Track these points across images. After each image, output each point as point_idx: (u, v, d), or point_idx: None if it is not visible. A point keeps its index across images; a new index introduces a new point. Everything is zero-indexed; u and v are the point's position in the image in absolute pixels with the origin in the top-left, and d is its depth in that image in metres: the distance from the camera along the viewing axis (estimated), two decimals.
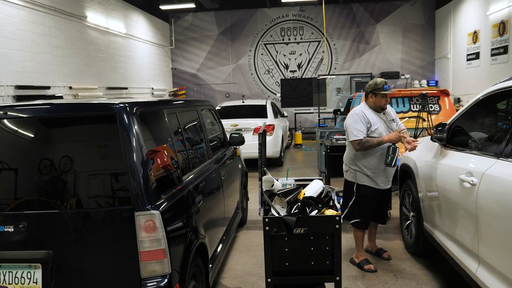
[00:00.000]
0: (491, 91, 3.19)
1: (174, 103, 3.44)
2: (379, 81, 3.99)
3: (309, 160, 10.57)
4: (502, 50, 10.49)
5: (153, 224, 2.43)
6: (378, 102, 3.99)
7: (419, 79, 14.94)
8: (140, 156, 2.47)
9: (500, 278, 2.58)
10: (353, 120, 4.00)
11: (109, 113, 2.49)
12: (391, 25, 15.16)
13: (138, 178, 2.44)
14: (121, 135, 2.44)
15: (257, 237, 5.19)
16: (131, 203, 2.41)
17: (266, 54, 15.96)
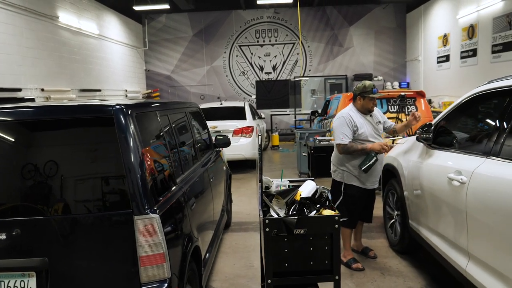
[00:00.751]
0: (475, 93, 3.30)
1: (166, 104, 3.40)
2: (367, 84, 4.05)
3: (287, 162, 10.63)
4: (471, 53, 10.87)
5: (152, 228, 2.38)
6: (366, 105, 4.07)
7: (391, 81, 15.29)
8: (138, 159, 2.42)
9: (490, 272, 2.67)
10: (340, 123, 4.06)
11: (105, 115, 2.44)
12: (364, 28, 15.46)
13: (136, 181, 2.39)
14: (119, 138, 2.39)
15: (243, 239, 5.18)
16: (129, 207, 2.36)
17: (241, 56, 15.96)
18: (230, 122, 9.09)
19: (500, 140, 2.73)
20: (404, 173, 4.16)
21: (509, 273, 2.47)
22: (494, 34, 9.83)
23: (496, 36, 9.75)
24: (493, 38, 9.87)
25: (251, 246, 4.92)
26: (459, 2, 11.36)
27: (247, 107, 9.90)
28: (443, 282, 3.89)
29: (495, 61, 9.86)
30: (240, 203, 6.73)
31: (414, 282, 3.91)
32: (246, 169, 9.58)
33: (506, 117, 2.74)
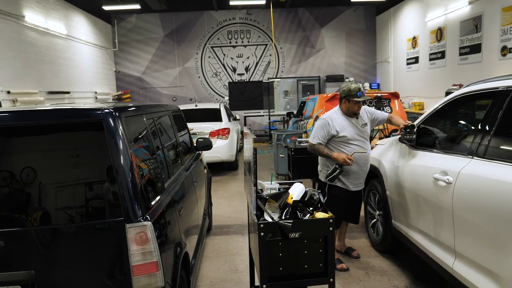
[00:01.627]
0: (458, 95, 3.38)
1: (151, 107, 3.31)
2: (352, 88, 4.06)
3: (263, 163, 10.61)
4: (440, 55, 11.20)
5: (145, 236, 2.31)
6: (351, 108, 4.08)
7: (362, 82, 15.54)
8: (128, 164, 2.34)
9: (477, 269, 2.73)
10: (318, 125, 4.17)
11: (94, 120, 2.34)
12: (335, 30, 15.67)
13: (127, 188, 2.31)
14: (109, 143, 2.30)
15: (225, 242, 5.13)
16: (121, 215, 2.28)
17: (213, 57, 15.86)
18: (206, 124, 9.00)
19: (485, 141, 2.81)
20: (387, 173, 4.22)
21: (496, 269, 2.53)
22: (461, 37, 10.16)
23: (463, 38, 10.08)
24: (460, 41, 10.20)
25: (234, 250, 4.87)
26: (428, 6, 11.69)
27: (222, 108, 9.83)
28: (426, 280, 3.96)
29: (462, 63, 10.19)
30: (219, 206, 6.66)
31: (399, 281, 3.97)
32: (223, 172, 9.51)
33: (491, 119, 2.81)
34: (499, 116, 2.75)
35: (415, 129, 3.68)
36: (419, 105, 12.06)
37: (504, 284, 2.46)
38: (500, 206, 2.49)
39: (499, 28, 8.77)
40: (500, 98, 2.79)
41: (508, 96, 2.73)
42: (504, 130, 2.77)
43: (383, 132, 6.61)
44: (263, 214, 2.63)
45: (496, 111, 2.79)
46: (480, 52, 9.46)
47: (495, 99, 2.84)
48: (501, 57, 8.76)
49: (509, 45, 8.47)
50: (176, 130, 4.01)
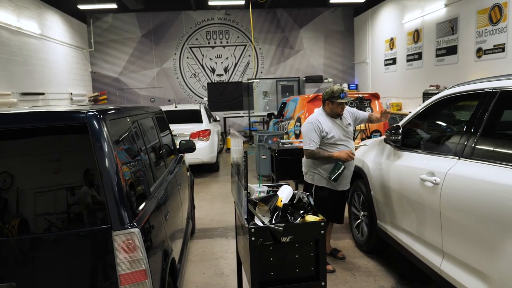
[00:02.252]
0: (443, 96, 3.41)
1: (135, 109, 3.21)
2: (335, 89, 4.06)
3: None
4: (417, 56, 11.39)
5: (133, 244, 2.23)
6: (334, 109, 4.09)
7: (341, 82, 15.67)
8: (115, 169, 2.25)
9: (465, 268, 2.75)
10: (308, 129, 4.10)
11: (78, 123, 2.24)
12: (314, 31, 15.75)
13: (114, 193, 2.22)
14: (94, 147, 2.21)
15: (209, 246, 5.05)
16: (107, 222, 2.19)
17: (192, 58, 15.70)
18: (186, 126, 8.89)
19: (472, 142, 2.83)
20: (372, 174, 4.23)
21: (484, 269, 2.55)
22: (438, 39, 10.35)
23: (440, 40, 10.27)
24: (437, 42, 10.39)
25: (218, 253, 4.80)
26: (405, 8, 11.87)
27: (202, 110, 9.73)
28: (411, 279, 3.99)
29: (439, 64, 10.39)
30: (201, 209, 6.57)
31: (385, 281, 3.98)
32: (204, 173, 9.41)
33: (477, 120, 2.84)
34: (485, 117, 2.78)
35: (400, 130, 3.70)
36: (397, 106, 12.23)
37: (493, 283, 2.48)
38: (488, 206, 2.51)
39: (474, 30, 8.96)
40: (486, 100, 2.81)
41: (494, 98, 2.75)
42: (490, 131, 2.80)
43: (365, 133, 6.66)
44: (253, 218, 2.58)
45: (482, 112, 2.82)
46: (456, 53, 9.66)
47: (481, 101, 2.86)
48: (476, 58, 8.96)
49: (484, 47, 8.67)
50: (159, 132, 3.92)
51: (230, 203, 6.93)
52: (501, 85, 2.75)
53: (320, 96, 7.63)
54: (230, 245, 5.03)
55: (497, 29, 8.27)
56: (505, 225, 2.37)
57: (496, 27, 8.28)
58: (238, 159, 2.65)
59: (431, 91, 10.02)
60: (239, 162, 2.62)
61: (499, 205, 2.43)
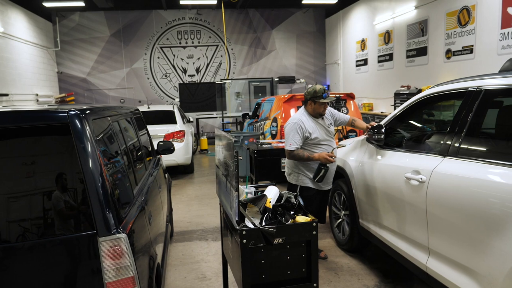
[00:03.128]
0: (426, 95, 3.43)
1: (115, 109, 3.08)
2: (318, 89, 4.01)
3: None
4: (388, 57, 11.60)
5: (120, 250, 2.11)
6: (317, 109, 4.05)
7: (313, 83, 15.79)
8: (99, 171, 2.13)
9: (451, 265, 2.77)
10: (290, 129, 4.04)
11: (60, 123, 2.11)
12: (286, 32, 15.81)
13: (99, 197, 2.10)
14: (77, 148, 2.08)
15: (189, 249, 4.93)
16: (92, 228, 2.07)
17: (162, 58, 15.44)
18: (160, 127, 8.70)
19: (457, 140, 2.86)
20: (354, 173, 4.23)
21: (472, 265, 2.57)
22: (408, 40, 10.57)
23: (410, 42, 10.50)
24: (407, 44, 10.62)
25: (199, 256, 4.70)
26: (376, 9, 12.07)
27: (176, 110, 9.55)
28: (394, 277, 4.01)
29: (409, 65, 10.61)
30: (178, 211, 6.43)
31: (368, 280, 3.99)
32: (179, 175, 9.24)
33: (462, 118, 2.87)
34: (470, 116, 2.81)
35: (383, 129, 3.71)
36: (368, 106, 12.42)
37: (481, 279, 2.50)
38: (474, 203, 2.53)
39: (443, 32, 9.20)
40: (471, 98, 2.85)
41: (479, 96, 2.79)
42: (475, 130, 2.83)
43: (342, 133, 6.69)
44: (243, 219, 2.50)
45: (467, 111, 2.85)
46: (426, 54, 9.89)
47: (466, 99, 2.90)
48: (445, 59, 9.20)
49: (453, 48, 8.91)
50: (138, 133, 3.78)
51: (207, 204, 6.82)
52: (485, 83, 2.79)
53: (296, 96, 7.63)
54: (211, 247, 4.93)
55: (465, 31, 8.52)
56: (492, 222, 2.40)
57: (465, 29, 8.52)
58: (226, 159, 2.57)
59: (403, 91, 10.23)
60: (227, 162, 2.54)
61: (485, 202, 2.46)
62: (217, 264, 4.46)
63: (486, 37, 7.96)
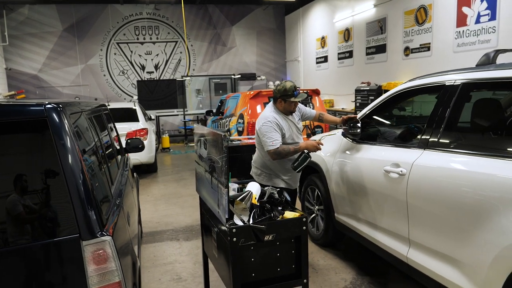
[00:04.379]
0: (403, 89, 3.48)
1: (88, 104, 2.90)
2: (288, 87, 3.79)
3: (182, 164, 10.25)
4: (348, 54, 11.81)
5: (104, 254, 1.97)
6: (287, 107, 3.87)
7: (273, 80, 15.86)
8: (80, 170, 1.98)
9: (432, 254, 2.83)
10: (268, 128, 3.77)
11: (36, 117, 1.93)
12: (246, 28, 15.75)
13: (80, 197, 1.94)
14: (57, 145, 1.92)
15: (160, 250, 4.77)
16: (75, 231, 1.91)
17: (119, 54, 14.94)
18: (122, 125, 8.36)
19: (437, 133, 2.91)
20: (329, 168, 4.24)
21: (453, 254, 2.63)
22: (367, 38, 10.81)
23: (369, 39, 10.73)
24: (367, 41, 10.85)
25: (171, 257, 4.55)
26: (335, 7, 12.25)
27: (138, 108, 9.26)
28: (370, 269, 4.06)
29: (369, 62, 10.86)
30: (146, 212, 6.23)
31: (345, 273, 4.02)
32: (142, 175, 8.96)
33: (441, 111, 2.92)
34: (449, 109, 2.87)
35: (359, 124, 3.73)
36: (329, 102, 12.61)
37: (464, 268, 2.55)
38: (457, 194, 2.59)
39: (402, 30, 9.47)
40: (449, 92, 2.91)
41: (457, 90, 2.85)
42: (454, 122, 2.89)
43: (309, 128, 6.72)
44: (231, 217, 2.42)
45: (446, 104, 2.91)
46: (385, 52, 10.15)
47: (444, 93, 2.96)
48: (404, 57, 9.48)
49: (411, 46, 9.19)
50: (109, 130, 3.60)
51: (174, 204, 6.65)
52: (462, 77, 2.86)
53: (263, 92, 7.59)
54: (183, 248, 4.80)
55: (423, 29, 8.81)
56: (475, 212, 2.45)
57: (422, 27, 8.81)
58: (212, 155, 2.47)
59: (363, 87, 10.45)
60: (213, 158, 2.45)
61: (467, 192, 2.51)
62: (192, 264, 4.34)
63: (443, 35, 8.27)
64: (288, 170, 3.89)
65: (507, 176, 2.31)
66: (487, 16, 7.26)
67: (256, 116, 7.46)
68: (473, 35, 7.55)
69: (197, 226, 5.51)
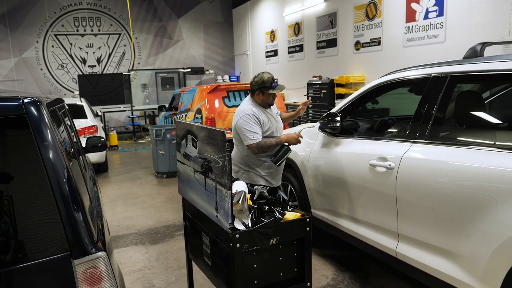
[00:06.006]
0: (383, 82, 3.45)
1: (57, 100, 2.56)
2: (266, 78, 3.68)
3: (133, 162, 9.77)
4: (298, 48, 11.85)
5: (99, 272, 1.72)
6: (265, 100, 3.75)
7: (222, 74, 15.61)
8: (67, 176, 1.71)
9: (422, 247, 2.83)
10: (246, 122, 3.62)
11: (13, 114, 1.63)
12: (193, 21, 15.33)
13: (69, 208, 1.68)
14: (40, 147, 1.63)
15: (127, 256, 4.45)
16: (64, 248, 1.64)
17: (58, 47, 13.96)
18: None
19: (426, 125, 2.89)
20: (305, 163, 4.14)
21: (448, 246, 2.63)
22: (318, 32, 10.89)
23: (320, 33, 10.82)
24: (317, 35, 10.93)
25: (140, 263, 4.26)
26: (285, 1, 12.22)
27: (85, 104, 8.66)
28: (349, 264, 4.04)
29: (320, 56, 10.95)
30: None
31: (325, 270, 3.96)
32: None
33: (429, 104, 2.91)
34: (437, 101, 2.86)
35: (338, 118, 3.65)
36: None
37: (462, 260, 2.55)
38: (453, 187, 2.58)
39: (352, 25, 9.62)
40: (436, 84, 2.90)
41: (445, 82, 2.85)
42: (442, 115, 2.89)
43: None
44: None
45: (433, 97, 2.89)
46: (336, 46, 10.28)
47: (431, 85, 2.94)
48: (355, 51, 9.65)
49: (362, 40, 9.37)
50: (74, 127, 3.25)
51: (133, 205, 6.28)
52: (450, 70, 2.86)
53: (221, 86, 7.37)
54: (151, 252, 4.51)
55: (373, 24, 8.99)
56: (472, 204, 2.45)
57: (372, 22, 8.99)
58: (207, 154, 2.26)
59: (315, 81, 10.52)
60: (209, 157, 2.24)
61: (464, 185, 2.51)
62: (163, 270, 4.08)
63: (393, 30, 8.48)
64: (267, 166, 3.75)
65: (505, 167, 2.32)
66: (435, 12, 7.52)
67: (214, 110, 7.24)
68: (422, 30, 7.80)
69: (161, 228, 5.22)
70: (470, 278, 2.50)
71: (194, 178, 2.52)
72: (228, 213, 2.06)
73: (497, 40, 3.20)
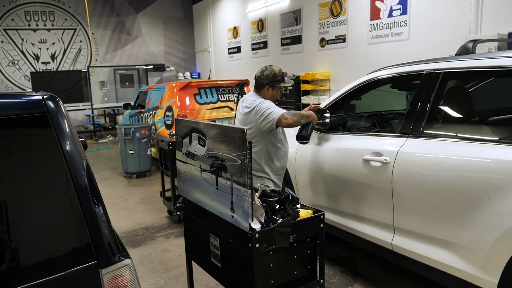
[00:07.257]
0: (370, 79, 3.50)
1: None
2: (277, 71, 3.50)
3: (98, 162, 9.40)
4: (262, 45, 11.85)
5: (126, 281, 1.64)
6: (275, 95, 3.58)
7: (183, 71, 15.35)
8: (91, 179, 1.61)
9: (420, 239, 2.91)
10: (268, 103, 3.42)
11: (34, 112, 1.50)
12: (152, 17, 14.93)
13: (95, 214, 1.59)
14: (63, 148, 1.52)
15: None
16: (93, 257, 1.54)
17: (8, 42, 13.15)
18: None
19: (420, 121, 2.97)
20: (292, 160, 4.14)
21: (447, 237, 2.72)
22: (282, 29, 10.94)
23: (284, 30, 10.88)
24: (281, 32, 10.98)
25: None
26: None
27: None
28: (339, 259, 4.09)
29: (284, 52, 11.02)
30: None
31: None
32: None
33: (423, 100, 2.99)
34: (432, 97, 2.94)
35: (328, 114, 3.67)
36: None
37: (461, 250, 2.64)
38: (451, 179, 2.66)
39: (317, 22, 9.75)
40: (429, 80, 2.98)
41: (438, 78, 2.94)
42: (437, 110, 2.98)
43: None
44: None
45: (427, 92, 2.98)
46: (301, 43, 10.37)
47: (424, 81, 3.02)
48: (320, 48, 9.78)
49: (327, 37, 9.51)
50: None
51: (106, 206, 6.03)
52: (443, 66, 2.95)
53: (192, 83, 7.25)
54: (133, 255, 4.31)
55: (338, 22, 9.15)
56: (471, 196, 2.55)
57: (337, 20, 9.15)
58: (220, 152, 2.19)
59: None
60: (223, 156, 2.17)
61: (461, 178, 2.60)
62: (149, 273, 3.96)
63: (357, 28, 8.67)
64: (278, 168, 3.62)
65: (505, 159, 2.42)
66: (399, 10, 7.76)
67: (186, 108, 7.11)
68: (386, 28, 8.02)
69: (140, 230, 5.06)
70: (470, 267, 2.60)
71: (200, 177, 2.44)
72: (249, 213, 2.02)
73: (486, 38, 3.34)
